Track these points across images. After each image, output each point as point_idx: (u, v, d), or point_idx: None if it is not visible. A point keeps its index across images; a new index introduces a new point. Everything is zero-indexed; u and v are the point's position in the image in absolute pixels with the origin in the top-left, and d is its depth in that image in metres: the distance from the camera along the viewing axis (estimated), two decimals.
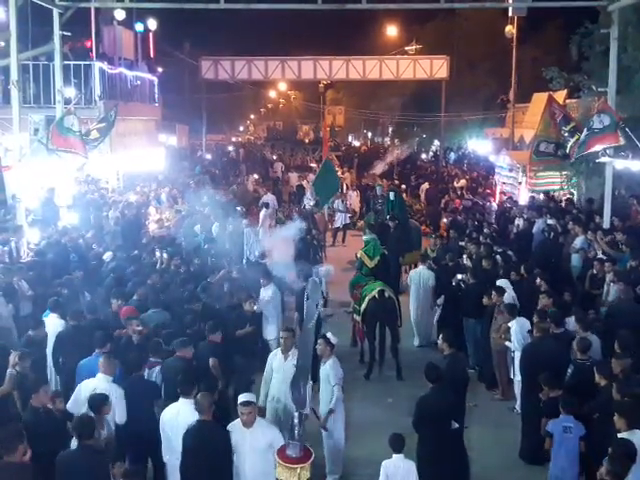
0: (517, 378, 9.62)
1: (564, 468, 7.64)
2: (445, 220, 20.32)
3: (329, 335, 8.66)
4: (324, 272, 14.46)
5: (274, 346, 11.25)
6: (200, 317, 9.87)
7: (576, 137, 13.85)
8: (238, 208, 18.66)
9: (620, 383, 7.23)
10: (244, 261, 15.32)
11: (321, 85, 59.09)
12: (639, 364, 8.16)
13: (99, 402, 6.97)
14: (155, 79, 28.39)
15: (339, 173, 27.07)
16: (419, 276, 13.39)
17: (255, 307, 10.67)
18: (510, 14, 26.62)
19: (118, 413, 7.39)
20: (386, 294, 11.87)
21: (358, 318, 12.22)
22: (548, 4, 15.83)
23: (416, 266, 14.28)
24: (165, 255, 13.12)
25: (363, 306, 11.95)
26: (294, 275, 11.39)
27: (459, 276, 12.23)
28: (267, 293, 11.48)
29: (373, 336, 11.81)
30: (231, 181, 29.35)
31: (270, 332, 11.37)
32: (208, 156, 40.29)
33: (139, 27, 27.98)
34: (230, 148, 48.77)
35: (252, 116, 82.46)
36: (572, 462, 7.61)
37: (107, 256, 12.81)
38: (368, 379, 11.62)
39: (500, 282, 11.22)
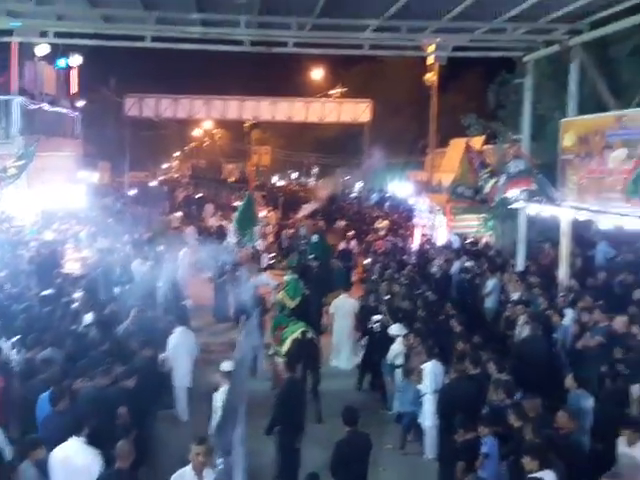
0: (427, 423, 9.64)
1: None
2: (367, 261, 20.54)
3: (223, 365, 8.71)
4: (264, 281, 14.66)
5: (182, 396, 11.01)
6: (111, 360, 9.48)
7: (494, 180, 14.33)
8: (160, 246, 18.38)
9: (533, 424, 7.37)
10: (163, 301, 14.98)
11: (246, 125, 59.37)
12: (551, 403, 8.41)
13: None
14: (77, 115, 27.89)
15: (265, 213, 27.07)
16: (342, 304, 14.04)
17: (161, 355, 10.41)
18: (431, 62, 27.55)
19: None
20: (308, 335, 11.84)
21: (280, 360, 12.10)
22: (467, 54, 16.42)
23: None
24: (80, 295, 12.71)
25: (285, 347, 11.85)
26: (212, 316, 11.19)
27: (377, 317, 12.32)
28: (177, 336, 11.24)
29: None
30: (154, 219, 28.90)
31: (179, 378, 11.10)
32: (131, 193, 39.63)
33: (61, 63, 27.56)
34: (154, 185, 48.14)
35: (177, 154, 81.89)
36: None
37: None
38: None
39: (393, 328, 11.36)
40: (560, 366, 10.91)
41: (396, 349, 11.13)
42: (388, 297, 13.60)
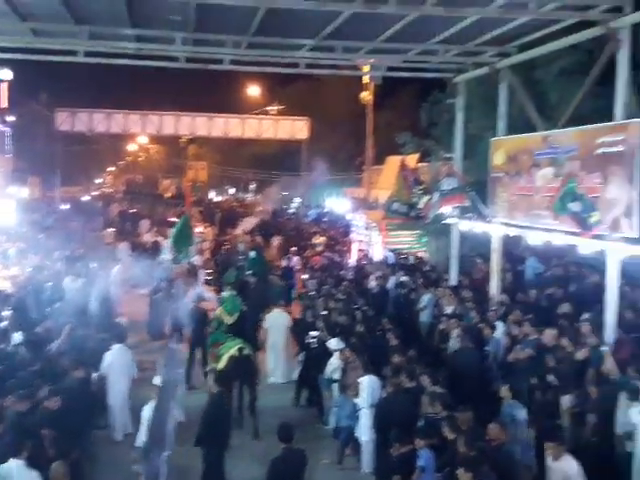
0: (364, 437, 9.73)
1: None
2: (304, 277, 20.60)
3: (155, 379, 8.70)
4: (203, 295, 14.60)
5: (118, 415, 10.85)
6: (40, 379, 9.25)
7: (427, 198, 14.65)
8: (92, 263, 18.03)
9: (466, 436, 7.53)
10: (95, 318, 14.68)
11: (183, 140, 58.90)
12: (484, 414, 8.62)
13: None
14: (7, 130, 27.15)
15: (201, 229, 26.86)
16: (275, 319, 14.11)
17: (95, 374, 10.24)
18: (366, 81, 27.99)
19: None
20: (245, 352, 11.79)
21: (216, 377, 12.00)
22: (400, 74, 16.80)
23: None
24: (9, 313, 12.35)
25: (221, 365, 11.77)
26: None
27: (314, 333, 12.37)
28: (113, 354, 11.06)
29: (230, 395, 11.61)
30: (86, 234, 28.31)
31: (114, 397, 10.90)
32: (63, 208, 38.71)
33: None
34: (87, 200, 47.17)
35: (111, 169, 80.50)
36: None
37: None
38: None
39: (332, 342, 11.46)
40: (492, 378, 11.20)
41: (334, 363, 11.19)
42: (325, 312, 13.68)
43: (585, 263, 13.79)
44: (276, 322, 14.23)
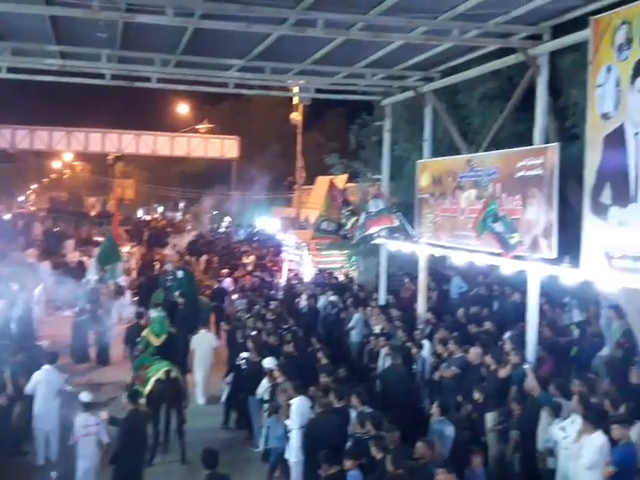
0: (293, 459, 9.70)
1: None
2: (234, 296, 20.46)
3: (82, 395, 8.87)
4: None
5: (42, 439, 10.56)
6: None
7: (354, 219, 14.86)
8: (13, 283, 17.45)
9: (393, 455, 7.61)
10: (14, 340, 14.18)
11: (110, 157, 57.78)
12: (413, 432, 8.74)
13: None
14: None
15: (128, 248, 26.38)
16: (202, 339, 14.21)
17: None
18: (296, 102, 28.23)
19: None
20: (172, 374, 11.60)
21: (142, 401, 11.76)
22: (329, 96, 17.01)
23: None
24: None
25: (148, 388, 11.54)
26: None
27: (244, 354, 12.29)
28: (42, 375, 10.71)
29: (157, 419, 11.42)
30: (7, 254, 27.32)
31: (39, 420, 10.56)
32: None
33: None
34: (8, 218, 45.58)
35: (34, 186, 78.17)
36: None
37: None
38: (151, 465, 11.13)
39: (266, 361, 11.45)
40: (420, 396, 11.38)
41: (265, 384, 11.14)
42: (255, 333, 13.62)
43: (507, 282, 14.19)
44: (202, 343, 14.21)
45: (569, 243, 9.53)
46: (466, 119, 14.69)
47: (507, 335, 11.13)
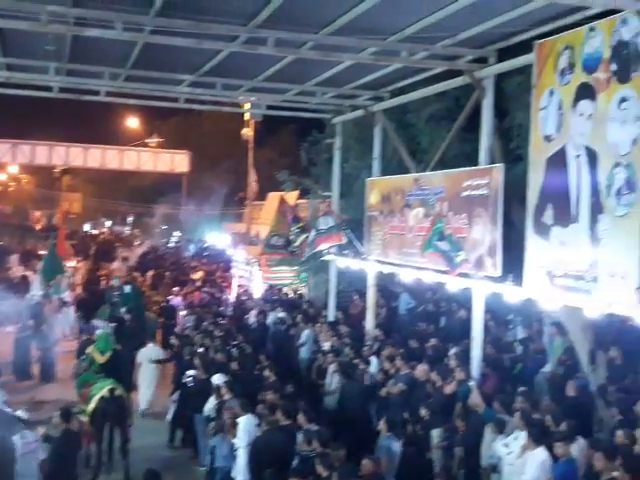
0: (239, 478, 9.60)
1: None
2: (183, 313, 20.25)
3: (19, 413, 8.70)
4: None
5: None
6: None
7: (304, 236, 14.91)
8: None
9: (339, 473, 7.61)
10: None
11: (57, 170, 56.75)
12: (361, 448, 8.77)
13: None
14: None
15: (74, 263, 25.88)
16: (149, 353, 14.27)
17: None
18: (248, 117, 28.22)
19: None
20: (117, 392, 11.40)
21: (85, 419, 11.52)
22: (280, 113, 17.10)
23: None
24: None
25: (92, 406, 11.31)
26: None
27: (190, 372, 12.15)
28: None
29: (101, 438, 11.19)
30: None
31: None
32: None
33: None
34: None
35: None
36: None
37: None
38: None
39: (215, 377, 11.37)
40: (368, 412, 11.41)
41: (213, 402, 11.03)
42: (202, 350, 13.48)
43: (455, 299, 14.39)
44: (149, 357, 14.20)
45: (513, 262, 9.74)
46: (415, 138, 14.91)
47: (452, 351, 11.27)
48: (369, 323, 14.74)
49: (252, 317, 17.64)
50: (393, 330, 14.54)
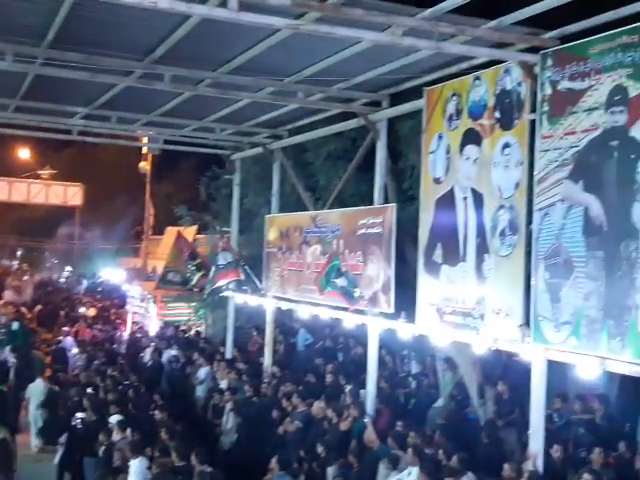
0: None
1: None
2: (74, 351, 19.47)
3: None
4: None
5: None
6: None
7: (202, 272, 14.79)
8: None
9: None
10: None
11: None
12: None
13: None
14: None
15: None
16: (37, 389, 13.94)
17: None
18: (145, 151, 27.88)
19: None
20: (0, 435, 10.81)
21: None
22: (178, 148, 16.98)
23: None
24: None
25: None
26: None
27: (79, 414, 11.68)
28: None
29: None
30: None
31: None
32: None
33: None
34: None
35: None
36: None
37: None
38: None
39: (113, 418, 11.02)
40: (265, 451, 11.28)
41: (103, 443, 10.61)
42: (91, 390, 12.99)
43: (352, 334, 14.57)
44: (38, 393, 13.87)
45: (408, 299, 9.98)
46: (314, 176, 15.12)
47: (348, 388, 11.37)
48: (267, 360, 14.66)
49: (147, 355, 17.21)
50: (291, 367, 14.53)
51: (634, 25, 6.73)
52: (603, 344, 6.81)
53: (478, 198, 8.62)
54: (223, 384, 13.72)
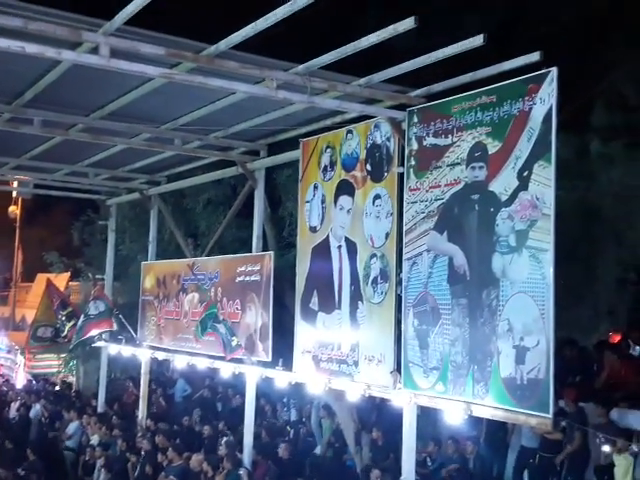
0: None
1: None
2: None
3: None
4: None
5: None
6: None
7: (72, 322, 14.21)
8: None
9: None
10: None
11: None
12: None
13: None
14: None
15: None
16: None
17: None
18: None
19: None
20: None
21: None
22: (51, 192, 16.37)
23: None
24: None
25: None
26: None
27: None
28: None
29: None
30: None
31: None
32: None
33: None
34: None
35: None
36: None
37: None
38: None
39: None
40: None
41: None
42: None
43: (231, 384, 14.34)
44: None
45: (287, 345, 9.97)
46: (194, 222, 14.96)
47: (224, 440, 11.16)
48: (142, 412, 14.13)
49: (13, 410, 16.25)
50: (168, 419, 14.09)
51: (492, 86, 7.21)
52: (469, 389, 7.07)
53: (352, 247, 8.82)
54: (94, 439, 13.12)
